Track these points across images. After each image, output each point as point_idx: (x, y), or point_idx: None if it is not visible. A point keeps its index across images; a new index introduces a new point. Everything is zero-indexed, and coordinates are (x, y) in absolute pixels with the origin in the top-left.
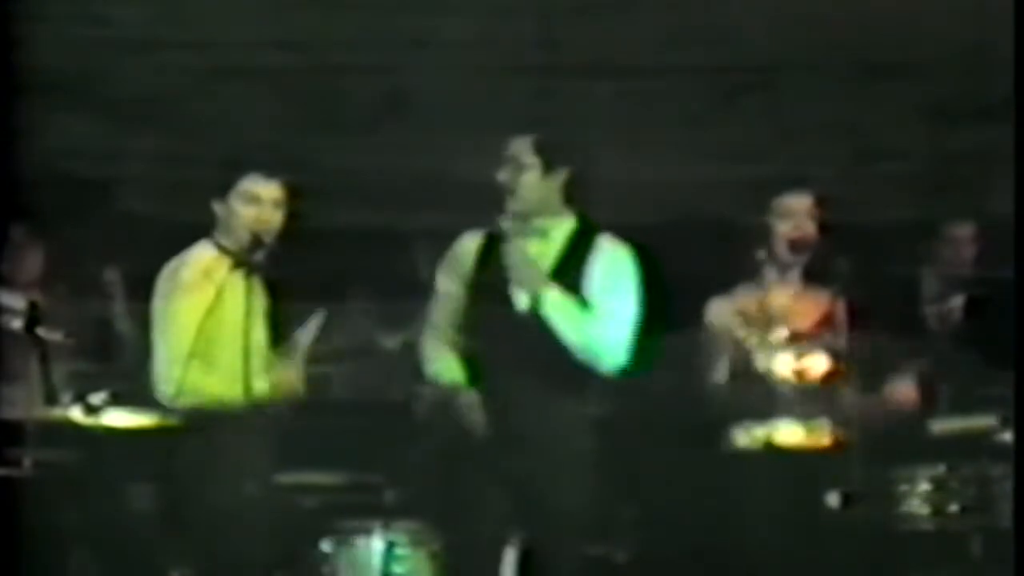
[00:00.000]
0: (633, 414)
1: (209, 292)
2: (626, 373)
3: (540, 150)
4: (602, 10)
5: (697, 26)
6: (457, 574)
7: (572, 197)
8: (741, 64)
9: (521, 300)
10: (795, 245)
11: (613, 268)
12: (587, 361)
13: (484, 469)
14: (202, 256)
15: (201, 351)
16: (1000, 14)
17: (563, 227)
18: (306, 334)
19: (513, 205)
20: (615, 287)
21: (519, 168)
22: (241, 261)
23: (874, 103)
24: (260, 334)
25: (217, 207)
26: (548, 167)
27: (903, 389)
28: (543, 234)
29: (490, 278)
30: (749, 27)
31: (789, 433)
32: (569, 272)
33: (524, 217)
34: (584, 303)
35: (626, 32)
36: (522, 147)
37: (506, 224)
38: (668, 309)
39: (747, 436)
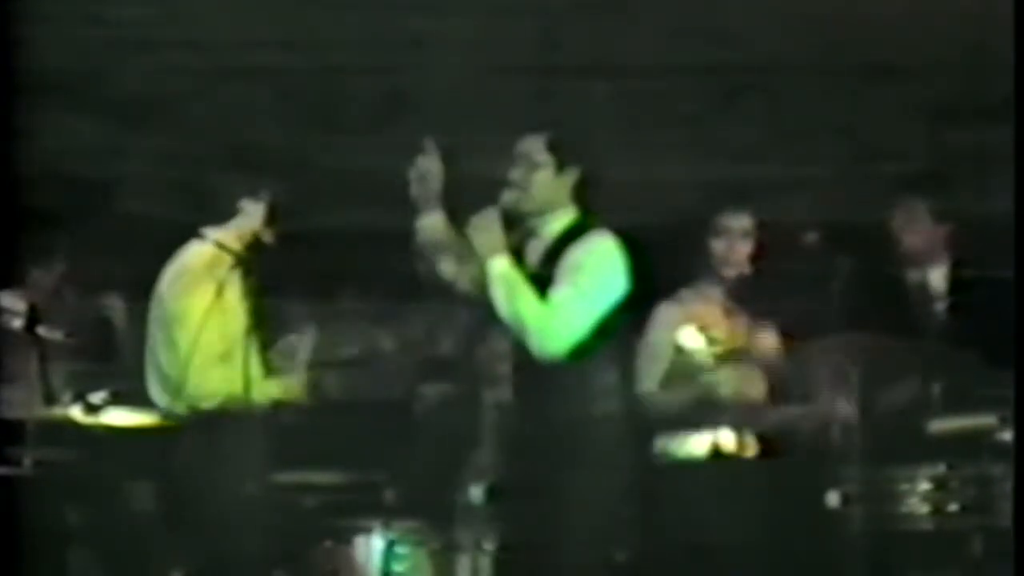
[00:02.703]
0: (628, 412)
1: (210, 291)
2: (561, 360)
3: (553, 148)
4: (602, 10)
5: (697, 26)
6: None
7: (582, 197)
8: (741, 64)
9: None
10: (731, 264)
11: (586, 258)
12: (520, 340)
13: (482, 469)
14: (203, 253)
15: (203, 352)
16: (1000, 14)
17: (560, 221)
18: (302, 350)
19: (521, 203)
20: (579, 276)
21: (532, 166)
22: (240, 260)
23: (874, 103)
24: (260, 334)
25: (246, 204)
26: (560, 166)
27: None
28: (538, 231)
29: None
30: (749, 27)
31: (723, 440)
32: (552, 260)
33: (528, 215)
34: (530, 281)
35: (626, 32)
36: (534, 145)
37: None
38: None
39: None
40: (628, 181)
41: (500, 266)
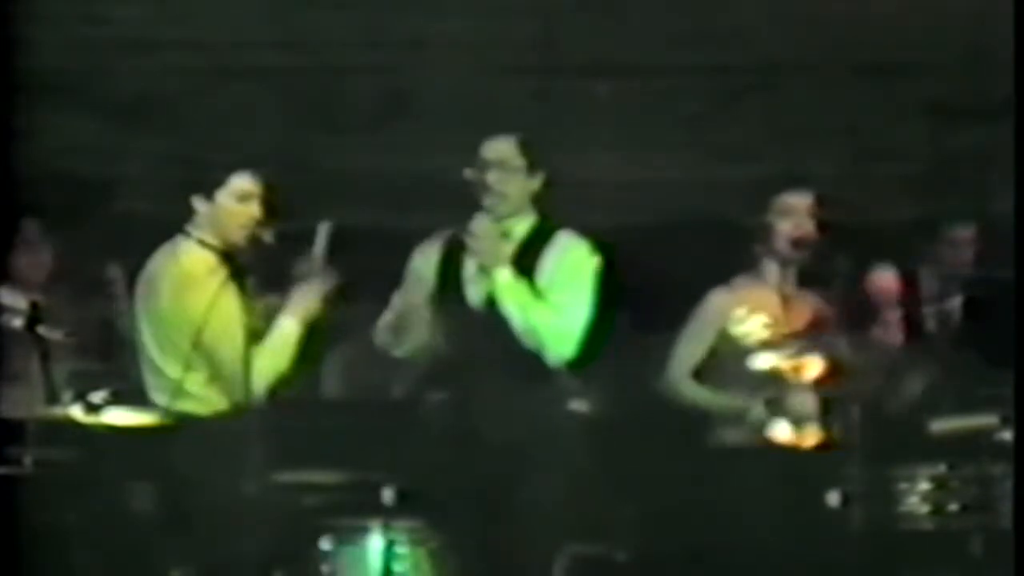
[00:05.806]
0: (628, 412)
1: (209, 292)
2: (571, 365)
3: (524, 151)
4: (602, 10)
5: (697, 26)
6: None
7: (541, 198)
8: (741, 64)
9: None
10: (796, 243)
11: (568, 262)
12: (534, 349)
13: (481, 469)
14: (196, 254)
15: (201, 353)
16: (1000, 14)
17: (523, 224)
18: (318, 246)
19: (500, 208)
20: (568, 280)
21: (510, 171)
22: (238, 261)
23: (874, 103)
24: (259, 335)
25: (200, 204)
26: (530, 169)
27: (884, 277)
28: (506, 234)
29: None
30: (749, 27)
31: (779, 431)
32: (525, 265)
33: (501, 217)
34: (536, 291)
35: (626, 32)
36: (510, 150)
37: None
38: (620, 306)
39: (737, 433)
40: (627, 181)
41: (505, 277)
